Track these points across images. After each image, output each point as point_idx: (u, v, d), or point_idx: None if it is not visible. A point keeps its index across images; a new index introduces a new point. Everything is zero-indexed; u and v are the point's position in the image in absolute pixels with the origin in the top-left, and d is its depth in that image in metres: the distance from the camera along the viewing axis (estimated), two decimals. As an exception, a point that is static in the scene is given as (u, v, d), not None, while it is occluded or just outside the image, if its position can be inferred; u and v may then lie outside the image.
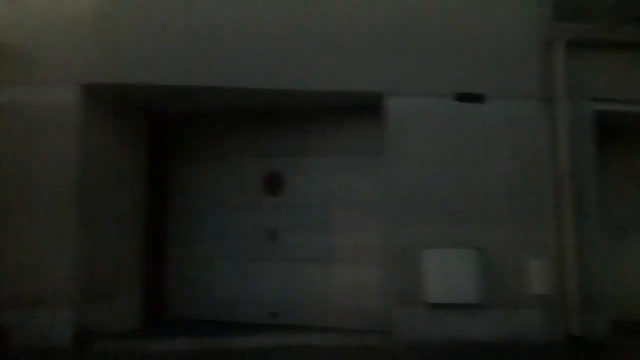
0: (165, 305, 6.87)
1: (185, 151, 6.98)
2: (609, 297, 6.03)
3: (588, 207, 5.83)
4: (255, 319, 6.58)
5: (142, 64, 5.83)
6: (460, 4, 6.03)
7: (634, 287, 6.66)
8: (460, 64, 5.94)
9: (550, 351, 5.51)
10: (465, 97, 5.94)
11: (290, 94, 6.06)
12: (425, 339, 5.61)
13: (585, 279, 5.70)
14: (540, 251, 5.80)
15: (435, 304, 5.65)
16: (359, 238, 6.33)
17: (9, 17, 5.70)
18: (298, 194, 6.64)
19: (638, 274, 6.72)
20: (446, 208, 5.78)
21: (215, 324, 6.56)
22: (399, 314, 5.71)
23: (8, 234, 5.52)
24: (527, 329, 5.67)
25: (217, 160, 6.87)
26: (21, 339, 5.39)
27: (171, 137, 7.02)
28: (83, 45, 5.76)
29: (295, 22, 5.94)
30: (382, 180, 6.21)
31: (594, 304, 5.70)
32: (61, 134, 5.67)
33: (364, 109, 6.27)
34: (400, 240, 5.74)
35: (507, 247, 5.76)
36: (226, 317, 6.67)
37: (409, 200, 5.77)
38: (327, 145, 6.58)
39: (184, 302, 6.83)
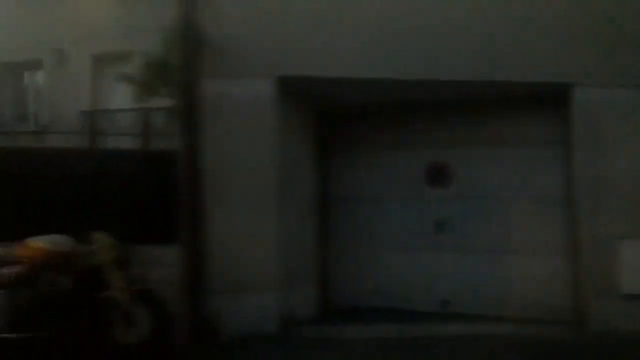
0: (330, 292, 7.00)
1: (349, 142, 7.09)
2: None
3: None
4: (424, 307, 6.67)
5: (329, 57, 5.96)
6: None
7: None
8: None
9: None
10: (654, 88, 5.90)
11: (470, 85, 6.10)
12: (621, 330, 5.60)
13: None
14: None
15: (632, 294, 5.65)
16: (536, 229, 6.34)
17: (211, 13, 5.84)
18: (467, 185, 6.69)
19: None
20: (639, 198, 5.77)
21: (385, 311, 6.66)
22: (593, 305, 5.73)
23: (215, 223, 5.67)
24: None
25: (381, 151, 6.97)
26: (230, 325, 5.54)
27: (335, 128, 7.12)
28: (277, 38, 5.91)
29: (475, 12, 5.97)
30: (562, 171, 6.22)
31: None
32: (259, 125, 5.84)
33: (541, 99, 6.26)
34: (593, 231, 5.75)
35: None
36: (393, 305, 6.76)
37: (601, 191, 5.77)
38: (497, 135, 6.59)
39: (350, 290, 6.94)
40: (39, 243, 4.86)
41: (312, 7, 6.00)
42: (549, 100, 6.21)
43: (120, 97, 11.72)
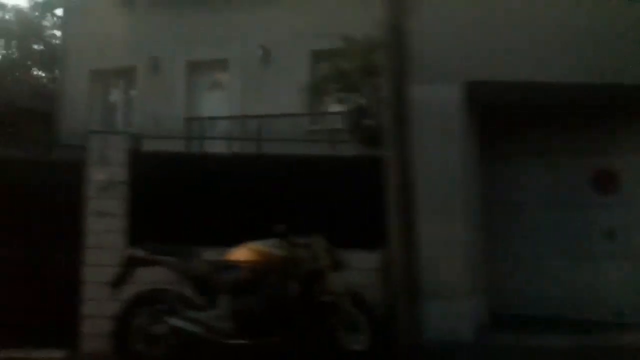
0: (494, 299, 6.87)
1: (513, 147, 7.00)
2: None
3: None
4: (595, 317, 6.51)
5: (512, 61, 5.95)
6: None
7: None
8: None
9: None
10: None
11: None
12: None
13: None
14: None
15: None
16: None
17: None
18: (637, 192, 6.56)
19: None
20: None
21: (553, 320, 6.52)
22: None
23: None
24: None
25: (546, 157, 6.89)
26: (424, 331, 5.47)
27: (500, 133, 7.04)
28: (465, 43, 5.91)
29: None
30: None
31: None
32: (447, 131, 5.83)
33: None
34: None
35: None
36: (558, 313, 6.62)
37: None
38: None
39: (514, 297, 6.81)
40: (260, 247, 4.84)
41: (496, 12, 6.00)
42: None
43: (213, 104, 11.91)
